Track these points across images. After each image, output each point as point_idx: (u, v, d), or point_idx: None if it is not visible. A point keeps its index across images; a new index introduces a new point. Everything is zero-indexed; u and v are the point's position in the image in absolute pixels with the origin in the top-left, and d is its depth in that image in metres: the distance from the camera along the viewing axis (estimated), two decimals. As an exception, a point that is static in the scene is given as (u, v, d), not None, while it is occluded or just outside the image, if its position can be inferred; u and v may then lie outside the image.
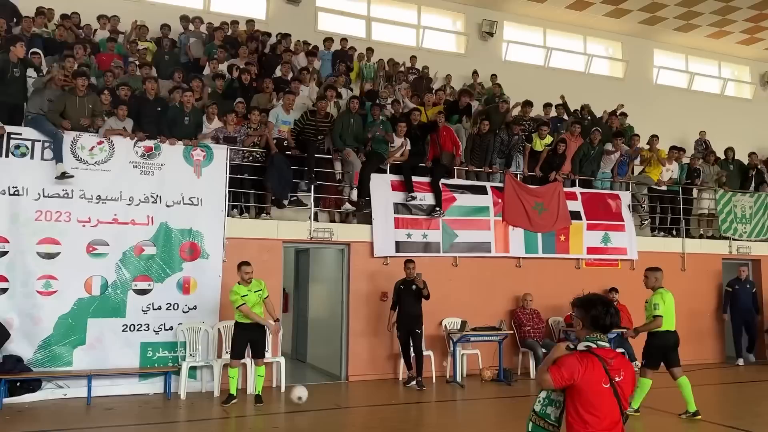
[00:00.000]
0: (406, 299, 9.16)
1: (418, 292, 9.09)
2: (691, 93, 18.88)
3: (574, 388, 3.09)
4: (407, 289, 9.17)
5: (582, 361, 3.10)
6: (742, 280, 12.16)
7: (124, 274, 8.54)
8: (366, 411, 7.91)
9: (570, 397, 3.12)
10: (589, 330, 3.22)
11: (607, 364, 3.08)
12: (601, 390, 3.03)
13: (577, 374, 3.06)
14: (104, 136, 8.60)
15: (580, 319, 3.26)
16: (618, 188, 12.12)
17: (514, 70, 16.07)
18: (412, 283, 9.13)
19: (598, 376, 3.05)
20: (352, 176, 9.83)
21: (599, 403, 3.04)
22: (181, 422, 7.34)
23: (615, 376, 3.09)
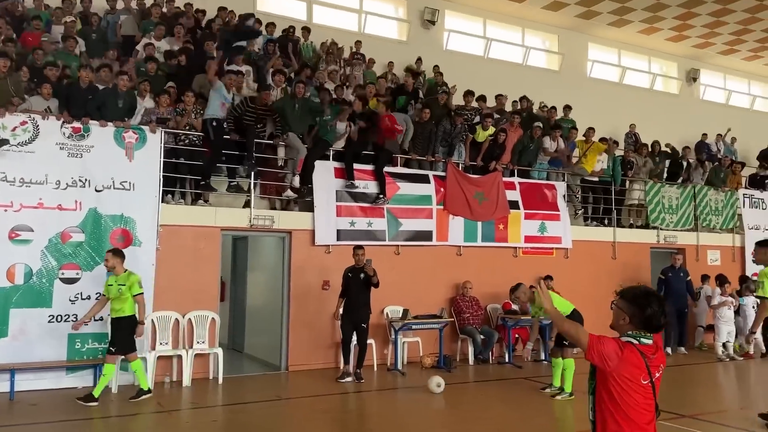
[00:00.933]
0: (353, 288, 8.76)
1: (366, 280, 8.69)
2: (622, 87, 19.53)
3: (613, 380, 2.89)
4: (355, 278, 8.77)
5: (623, 351, 2.87)
6: (675, 268, 12.24)
7: (50, 262, 8.07)
8: (308, 401, 7.80)
9: (607, 389, 2.92)
10: (636, 328, 2.96)
11: (648, 360, 2.90)
12: (641, 386, 2.88)
13: (613, 361, 2.86)
14: (26, 113, 8.04)
15: (628, 315, 2.96)
16: (554, 179, 12.42)
17: (455, 60, 16.13)
18: (360, 271, 8.71)
19: (637, 372, 2.88)
20: (296, 162, 9.62)
21: (640, 399, 2.89)
22: (113, 417, 7.02)
23: (655, 373, 2.94)
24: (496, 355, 10.75)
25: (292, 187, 9.69)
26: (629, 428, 2.88)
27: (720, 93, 21.68)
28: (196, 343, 8.68)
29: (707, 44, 19.55)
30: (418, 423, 6.86)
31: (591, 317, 11.20)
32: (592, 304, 10.81)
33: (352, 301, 8.78)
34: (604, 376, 2.91)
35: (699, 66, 20.81)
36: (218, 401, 7.81)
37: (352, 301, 8.78)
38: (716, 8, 16.85)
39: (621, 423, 2.88)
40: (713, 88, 21.43)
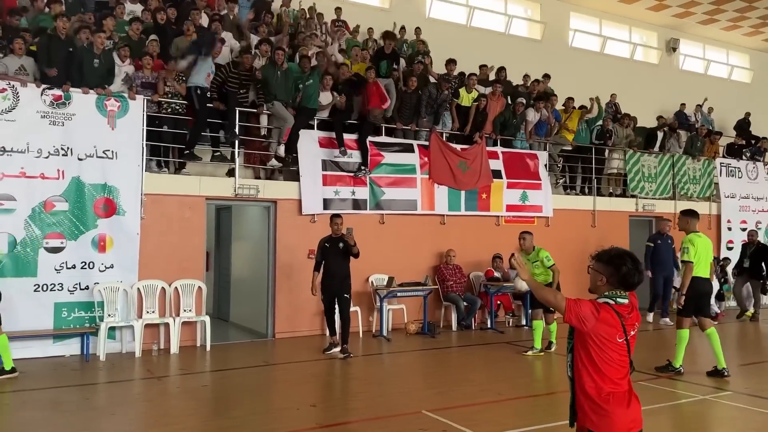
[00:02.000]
0: (332, 259, 8.25)
1: (345, 250, 8.22)
2: (603, 56, 19.57)
3: (590, 339, 3.02)
4: (333, 247, 8.30)
5: (599, 312, 3.01)
6: (663, 236, 11.76)
7: (34, 231, 8.03)
8: (295, 366, 7.93)
9: (584, 348, 3.06)
10: (613, 287, 3.09)
11: (624, 319, 3.04)
12: (616, 344, 3.02)
13: (590, 322, 2.99)
14: (5, 80, 7.88)
15: (604, 275, 3.09)
16: (536, 148, 12.53)
17: (437, 28, 16.02)
18: (339, 241, 8.25)
19: (613, 331, 3.01)
20: (282, 131, 9.58)
21: (615, 356, 3.03)
22: (103, 383, 7.08)
23: (630, 331, 3.06)
24: (478, 321, 10.97)
25: (277, 156, 9.67)
26: (603, 383, 3.03)
27: (699, 63, 21.85)
28: (183, 311, 8.73)
29: (687, 14, 19.63)
30: (404, 385, 7.03)
31: (571, 283, 11.50)
32: (572, 272, 11.11)
33: (331, 273, 8.27)
34: (581, 335, 3.05)
35: (679, 36, 20.91)
36: (207, 367, 7.90)
37: (331, 272, 8.27)
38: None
39: (596, 378, 3.03)
40: (692, 58, 21.57)
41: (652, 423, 4.91)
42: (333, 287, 8.30)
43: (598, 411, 3.02)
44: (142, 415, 5.92)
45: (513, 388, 6.82)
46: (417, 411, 5.79)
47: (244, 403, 6.15)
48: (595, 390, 3.04)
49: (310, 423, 5.47)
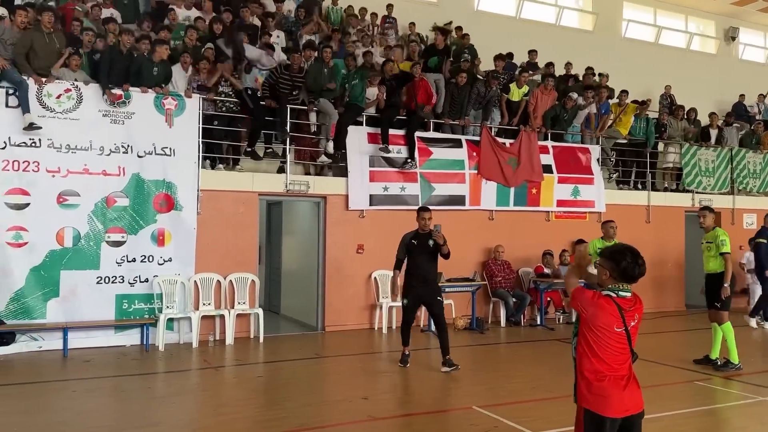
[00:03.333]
0: (418, 258, 7.21)
1: (435, 249, 7.18)
2: (657, 47, 19.02)
3: (588, 326, 3.27)
4: (422, 245, 7.23)
5: (596, 301, 3.24)
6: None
7: (97, 225, 8.38)
8: (345, 359, 8.06)
9: (583, 333, 3.31)
10: (616, 281, 3.29)
11: (624, 311, 3.24)
12: (614, 333, 3.24)
13: (588, 310, 3.24)
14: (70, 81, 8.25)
15: (607, 270, 3.30)
16: (588, 142, 12.31)
17: (486, 21, 15.89)
18: (428, 238, 7.19)
19: (611, 320, 3.22)
20: (329, 128, 9.71)
21: (614, 344, 3.26)
22: (162, 373, 7.35)
23: (630, 322, 3.26)
24: (527, 317, 10.89)
25: (326, 153, 9.80)
26: (600, 366, 3.28)
27: (760, 52, 21.00)
28: (237, 304, 8.98)
29: (747, 1, 18.88)
30: (454, 380, 7.06)
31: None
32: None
33: (418, 274, 7.23)
34: (584, 321, 3.31)
35: (738, 24, 20.12)
36: (260, 358, 8.11)
37: (418, 273, 7.23)
38: (758, -38, 16.24)
39: (593, 361, 3.29)
40: (753, 47, 20.75)
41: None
42: (420, 290, 7.25)
43: (593, 391, 3.28)
44: (201, 403, 6.14)
45: (564, 386, 6.74)
46: (468, 406, 5.83)
47: (297, 394, 6.31)
48: (592, 372, 3.28)
49: (362, 415, 5.56)
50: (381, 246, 10.13)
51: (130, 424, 5.34)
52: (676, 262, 12.94)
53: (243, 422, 5.36)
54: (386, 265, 10.10)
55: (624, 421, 3.28)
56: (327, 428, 5.28)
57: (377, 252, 10.09)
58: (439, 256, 7.28)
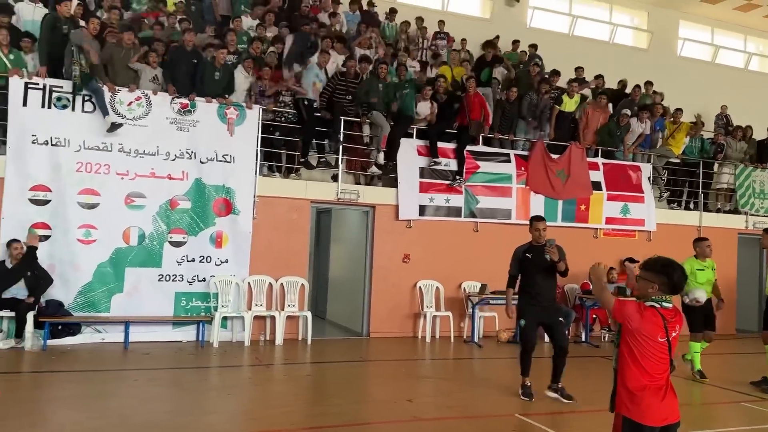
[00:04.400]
0: (536, 273, 6.48)
1: (552, 266, 6.40)
2: (714, 66, 18.73)
3: (633, 337, 3.37)
4: (537, 260, 6.47)
5: (642, 311, 3.34)
6: None
7: (161, 226, 8.87)
8: (390, 364, 8.29)
9: (626, 343, 3.42)
10: (662, 293, 3.41)
11: (667, 322, 3.37)
12: (657, 343, 3.37)
13: (635, 321, 3.33)
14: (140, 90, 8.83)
15: (656, 283, 3.40)
16: (639, 160, 12.26)
17: (538, 37, 15.94)
18: (544, 252, 6.41)
19: (656, 330, 3.34)
20: (380, 140, 10.01)
21: (656, 353, 3.37)
22: (216, 367, 7.73)
23: (672, 332, 3.39)
24: (572, 334, 10.88)
25: (376, 164, 10.10)
26: (642, 376, 3.38)
27: (822, 73, 20.40)
28: (287, 306, 9.32)
29: (811, 21, 18.44)
30: (497, 388, 7.18)
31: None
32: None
33: (536, 292, 6.48)
34: (627, 332, 3.41)
35: (800, 44, 19.67)
36: (308, 359, 8.42)
37: (536, 291, 6.49)
38: (823, -18, 15.88)
39: (635, 371, 3.39)
40: (815, 68, 20.19)
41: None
42: (539, 310, 6.50)
43: (633, 400, 3.38)
44: (254, 396, 6.47)
45: (607, 400, 6.80)
46: (510, 414, 5.96)
47: (344, 392, 6.57)
48: (633, 382, 3.39)
49: (407, 416, 5.77)
50: (426, 255, 10.37)
51: (189, 411, 5.69)
52: (728, 285, 12.67)
53: (293, 415, 5.65)
54: (431, 275, 10.38)
55: (662, 430, 3.39)
56: (373, 425, 5.51)
57: (423, 262, 10.31)
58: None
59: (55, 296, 8.30)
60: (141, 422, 5.24)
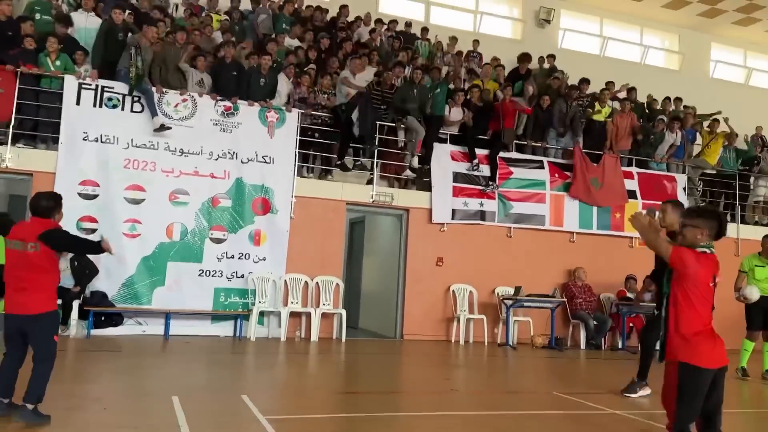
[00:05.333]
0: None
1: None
2: (748, 88, 18.66)
3: (690, 281, 3.47)
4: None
5: (699, 258, 3.48)
6: None
7: (202, 222, 9.13)
8: (424, 357, 8.29)
9: (683, 289, 3.50)
10: (709, 239, 3.59)
11: (716, 266, 3.54)
12: (709, 287, 3.51)
13: (692, 266, 3.45)
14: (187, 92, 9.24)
15: (704, 229, 3.57)
16: (674, 170, 12.23)
17: (569, 58, 16.13)
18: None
19: (709, 275, 3.50)
20: (415, 144, 10.21)
21: (708, 298, 3.51)
22: (253, 353, 7.85)
23: (717, 277, 3.56)
24: (609, 342, 10.75)
25: (410, 167, 10.28)
26: (697, 320, 3.49)
27: None
28: (322, 304, 9.43)
29: None
30: (533, 370, 7.15)
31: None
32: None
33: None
34: (682, 278, 3.50)
35: (836, 66, 19.49)
36: (343, 352, 8.49)
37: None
38: None
39: (691, 316, 3.48)
40: None
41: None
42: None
43: (689, 345, 3.46)
44: (292, 373, 6.54)
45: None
46: (548, 392, 5.95)
47: (381, 373, 6.60)
48: (689, 326, 3.47)
49: (446, 388, 5.78)
50: (460, 259, 10.43)
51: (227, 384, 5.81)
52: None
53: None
54: (465, 278, 10.41)
55: (716, 372, 3.45)
56: (412, 395, 5.55)
57: (456, 265, 10.37)
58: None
59: (99, 287, 8.57)
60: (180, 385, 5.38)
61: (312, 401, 5.33)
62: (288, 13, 12.64)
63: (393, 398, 5.67)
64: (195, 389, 5.44)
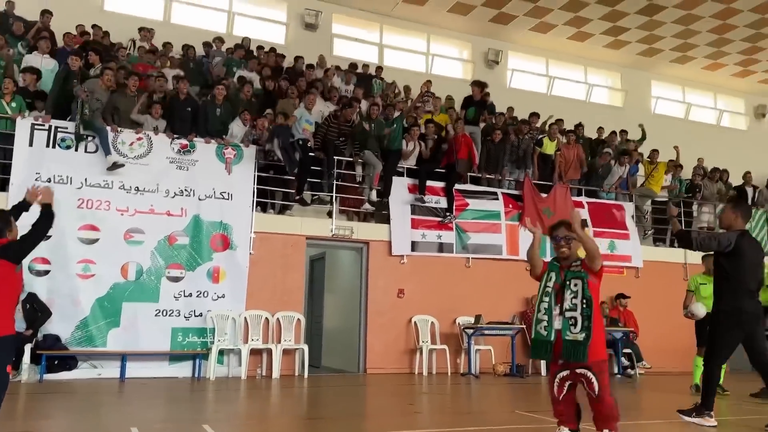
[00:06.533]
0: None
1: None
2: (688, 123, 19.61)
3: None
4: None
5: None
6: None
7: (159, 261, 9.02)
8: (389, 388, 8.25)
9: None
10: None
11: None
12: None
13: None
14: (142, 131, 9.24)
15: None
16: (621, 200, 12.70)
17: (518, 97, 16.76)
18: None
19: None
20: (372, 178, 10.38)
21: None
22: (212, 391, 7.68)
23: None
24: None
25: (369, 201, 10.42)
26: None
27: (791, 129, 21.38)
28: (283, 341, 9.34)
29: (774, 79, 19.53)
30: (498, 395, 7.20)
31: (665, 336, 11.34)
32: (665, 323, 11.03)
33: None
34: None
35: (767, 101, 20.69)
36: (306, 386, 8.37)
37: None
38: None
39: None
40: (783, 124, 21.16)
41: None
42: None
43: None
44: (253, 410, 6.43)
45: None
46: (511, 411, 6.00)
47: (344, 405, 6.55)
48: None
49: (411, 410, 5.77)
50: (420, 291, 10.52)
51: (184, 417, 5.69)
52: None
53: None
54: (426, 310, 10.48)
55: None
56: (377, 418, 5.52)
57: (417, 297, 10.45)
58: None
59: (52, 330, 8.32)
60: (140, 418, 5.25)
61: (276, 427, 5.27)
62: (239, 57, 12.83)
63: (358, 421, 5.65)
64: (155, 421, 5.31)
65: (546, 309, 4.05)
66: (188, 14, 14.34)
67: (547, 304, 4.06)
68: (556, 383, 3.98)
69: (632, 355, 11.17)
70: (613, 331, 10.84)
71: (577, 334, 4.01)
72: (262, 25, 15.09)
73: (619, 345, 10.86)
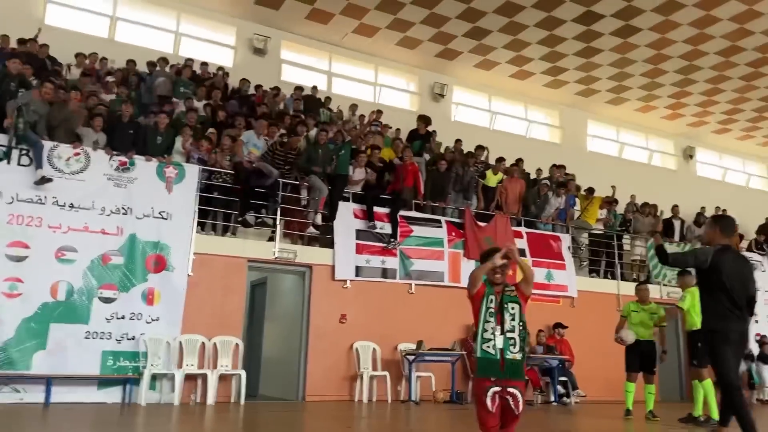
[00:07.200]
0: None
1: None
2: (621, 161, 20.50)
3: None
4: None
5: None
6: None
7: (91, 281, 8.67)
8: (330, 417, 8.11)
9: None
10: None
11: None
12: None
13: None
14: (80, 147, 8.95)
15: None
16: (558, 231, 13.10)
17: (462, 130, 17.19)
18: None
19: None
20: (317, 202, 10.37)
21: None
22: (143, 417, 7.35)
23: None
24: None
25: (314, 224, 10.38)
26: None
27: (716, 170, 22.63)
28: (220, 366, 9.07)
29: (701, 123, 20.65)
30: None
31: (598, 365, 11.62)
32: (599, 352, 11.31)
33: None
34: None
35: (694, 144, 21.82)
36: (241, 414, 8.13)
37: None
38: (707, 88, 18.00)
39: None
40: (709, 165, 22.40)
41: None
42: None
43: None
44: None
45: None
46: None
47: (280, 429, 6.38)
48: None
49: None
50: (363, 316, 10.47)
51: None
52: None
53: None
54: (368, 335, 10.43)
55: None
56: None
57: (359, 322, 10.39)
58: None
59: (-30, 353, 7.84)
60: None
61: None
62: (186, 76, 12.70)
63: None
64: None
65: (492, 329, 4.18)
66: (134, 33, 14.14)
67: (492, 324, 4.18)
68: (489, 397, 4.07)
69: (568, 383, 11.39)
70: (549, 359, 11.06)
71: (515, 354, 4.22)
72: (209, 48, 15.02)
73: (555, 373, 11.06)
